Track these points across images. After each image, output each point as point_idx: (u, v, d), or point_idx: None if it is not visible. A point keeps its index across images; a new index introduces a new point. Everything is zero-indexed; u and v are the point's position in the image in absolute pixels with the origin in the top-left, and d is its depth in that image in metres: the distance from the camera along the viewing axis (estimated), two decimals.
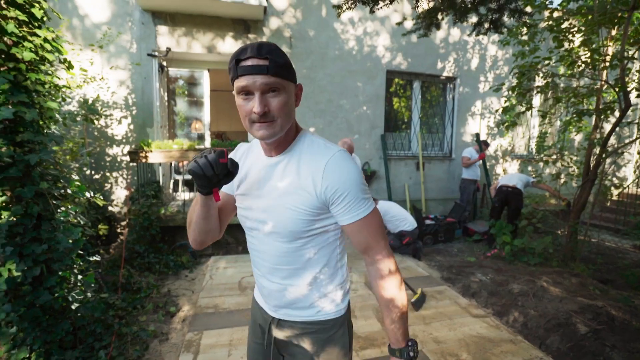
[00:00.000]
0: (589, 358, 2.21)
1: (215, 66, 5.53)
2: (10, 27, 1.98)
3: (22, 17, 2.07)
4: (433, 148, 6.40)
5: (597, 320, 2.47)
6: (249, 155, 1.01)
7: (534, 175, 4.64)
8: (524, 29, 4.22)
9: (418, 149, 6.00)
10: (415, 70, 5.96)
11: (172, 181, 5.57)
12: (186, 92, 5.61)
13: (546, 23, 4.03)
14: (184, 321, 2.83)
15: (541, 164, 4.79)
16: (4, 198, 1.94)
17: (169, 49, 4.76)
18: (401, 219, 4.24)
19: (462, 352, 2.40)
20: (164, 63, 5.06)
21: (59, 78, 2.52)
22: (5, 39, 2.00)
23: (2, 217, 1.99)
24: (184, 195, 4.75)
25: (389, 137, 6.09)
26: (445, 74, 6.12)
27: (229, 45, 5.02)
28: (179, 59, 5.22)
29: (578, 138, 6.34)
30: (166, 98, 5.28)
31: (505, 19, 2.70)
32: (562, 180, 4.49)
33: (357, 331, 2.66)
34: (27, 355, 1.99)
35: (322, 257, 0.94)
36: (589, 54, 3.80)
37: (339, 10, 2.62)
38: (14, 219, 1.99)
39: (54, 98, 2.37)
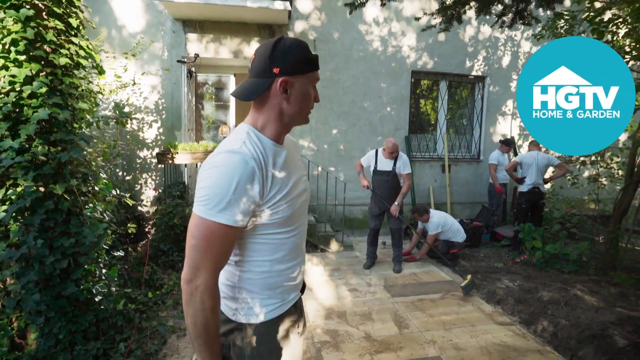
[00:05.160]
0: None
1: (241, 70, 5.69)
2: (50, 35, 2.15)
3: (60, 26, 2.24)
4: (460, 150, 6.17)
5: (638, 333, 2.24)
6: (268, 155, 0.91)
7: (568, 178, 4.31)
8: (561, 22, 3.96)
9: (444, 150, 5.81)
10: (442, 70, 5.80)
11: None
12: (214, 97, 5.82)
13: (586, 14, 3.76)
14: None
15: (578, 165, 4.44)
16: (38, 194, 2.09)
17: (197, 55, 4.96)
18: (455, 230, 4.13)
19: None
20: (193, 69, 5.28)
21: (93, 83, 2.70)
22: (45, 46, 2.18)
23: (37, 211, 2.14)
24: None
25: (414, 138, 5.94)
26: (474, 73, 5.90)
27: (254, 50, 5.14)
28: (206, 65, 5.42)
29: (622, 138, 5.84)
30: (194, 102, 5.50)
31: (533, 8, 2.55)
32: (602, 183, 4.15)
33: (373, 334, 2.60)
34: (54, 344, 2.11)
35: None
36: (635, 44, 3.50)
37: (352, 7, 2.60)
38: (46, 213, 2.14)
39: (86, 100, 2.53)
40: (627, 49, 3.66)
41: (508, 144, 5.27)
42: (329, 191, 5.04)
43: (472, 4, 2.75)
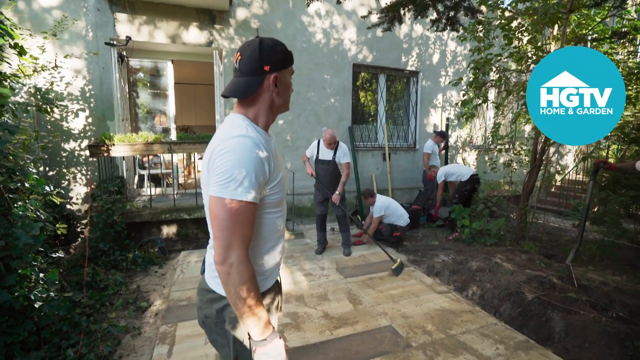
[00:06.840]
0: (535, 319, 2.50)
1: (179, 57, 5.36)
2: None
3: None
4: (398, 139, 6.66)
5: (541, 288, 2.78)
6: (265, 142, 0.98)
7: (488, 164, 5.00)
8: (480, 26, 4.51)
9: (384, 140, 6.23)
10: (380, 64, 6.15)
11: (136, 176, 5.37)
12: (149, 84, 5.39)
13: (498, 21, 4.33)
14: (156, 315, 2.79)
15: (496, 152, 5.16)
16: None
17: (129, 38, 4.55)
18: (398, 215, 4.45)
19: (428, 324, 2.60)
20: (124, 53, 4.83)
21: (9, 64, 2.37)
22: None
23: None
24: (149, 190, 4.59)
25: (356, 129, 6.26)
26: (408, 68, 6.37)
27: (194, 35, 4.88)
28: (140, 49, 5.00)
29: (527, 128, 6.89)
30: (127, 90, 5.05)
31: (461, 16, 2.90)
32: (514, 168, 4.89)
33: (331, 312, 2.78)
34: None
35: None
36: (535, 51, 4.16)
37: (308, 1, 2.67)
38: None
39: (5, 84, 2.23)
40: (530, 54, 4.34)
41: (443, 136, 5.86)
42: None
43: (410, 7, 3.01)
